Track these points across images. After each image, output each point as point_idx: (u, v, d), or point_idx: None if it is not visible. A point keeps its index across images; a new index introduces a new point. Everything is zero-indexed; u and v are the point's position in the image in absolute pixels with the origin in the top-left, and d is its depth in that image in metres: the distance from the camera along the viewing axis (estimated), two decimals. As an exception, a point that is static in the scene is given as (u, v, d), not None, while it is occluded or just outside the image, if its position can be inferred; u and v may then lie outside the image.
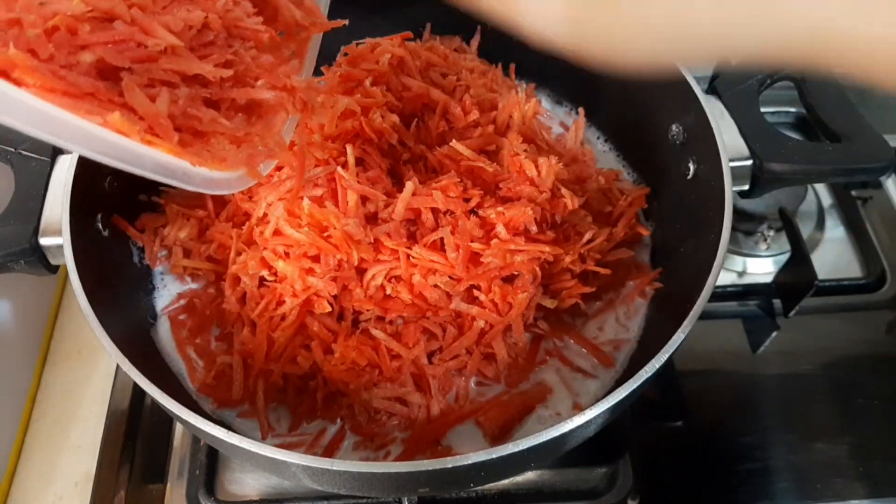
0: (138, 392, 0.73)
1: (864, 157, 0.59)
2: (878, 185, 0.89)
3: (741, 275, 0.83)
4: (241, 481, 0.67)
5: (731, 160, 0.57)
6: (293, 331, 0.58)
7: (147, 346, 0.62)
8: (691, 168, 0.63)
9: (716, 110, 0.61)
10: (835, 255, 0.84)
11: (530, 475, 0.67)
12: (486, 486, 0.67)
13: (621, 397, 0.47)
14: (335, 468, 0.45)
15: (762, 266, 0.84)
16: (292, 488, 0.66)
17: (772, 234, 0.83)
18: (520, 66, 0.80)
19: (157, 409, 0.72)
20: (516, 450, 0.44)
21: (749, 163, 0.59)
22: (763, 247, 0.84)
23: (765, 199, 0.81)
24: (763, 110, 0.62)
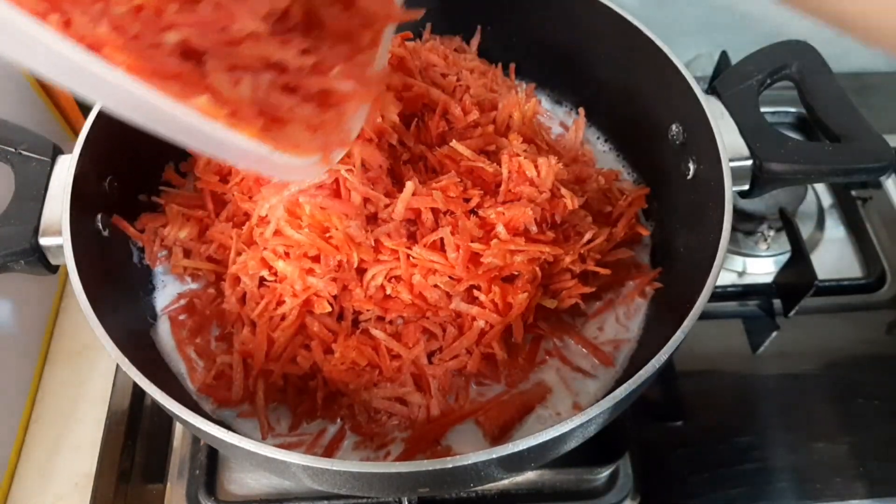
0: (138, 392, 0.73)
1: (864, 157, 0.59)
2: (878, 185, 0.89)
3: (741, 275, 0.83)
4: (241, 481, 0.67)
5: (730, 160, 0.57)
6: (293, 331, 0.58)
7: (147, 346, 0.62)
8: (691, 168, 0.63)
9: (716, 110, 0.60)
10: (835, 255, 0.84)
11: (530, 475, 0.68)
12: (486, 486, 0.67)
13: (621, 397, 0.47)
14: (335, 468, 0.45)
15: (762, 266, 0.84)
16: (292, 488, 0.66)
17: (772, 234, 0.83)
18: (520, 66, 0.80)
19: (157, 409, 0.72)
20: (516, 450, 0.44)
21: (749, 163, 0.59)
22: (763, 247, 0.84)
23: (765, 200, 0.81)
24: (763, 110, 0.62)
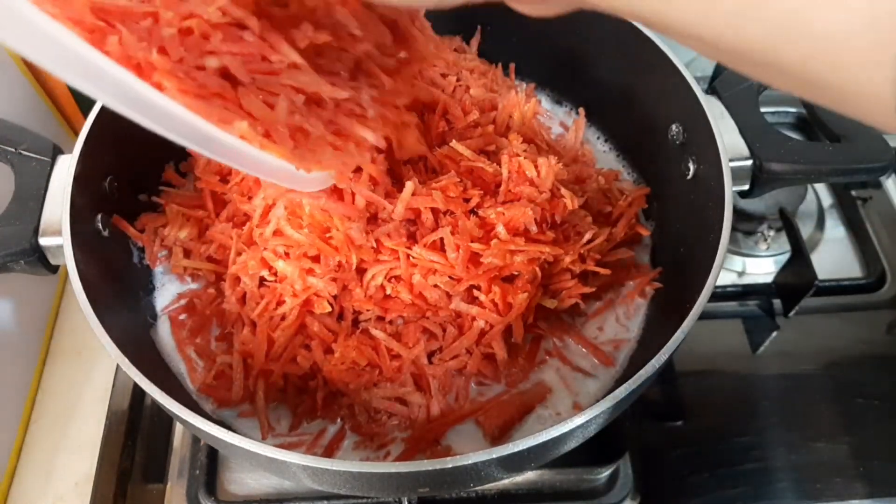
0: (138, 392, 0.73)
1: (864, 157, 0.59)
2: (878, 185, 0.89)
3: (741, 275, 0.83)
4: (241, 481, 0.67)
5: (731, 160, 0.57)
6: (293, 331, 0.58)
7: (147, 346, 0.62)
8: (691, 168, 0.62)
9: (716, 110, 0.60)
10: (835, 255, 0.84)
11: (530, 475, 0.68)
12: (486, 486, 0.67)
13: (621, 397, 0.47)
14: (335, 468, 0.45)
15: (762, 266, 0.84)
16: (292, 488, 0.66)
17: (772, 234, 0.83)
18: (520, 66, 0.80)
19: (157, 409, 0.72)
20: (516, 450, 0.44)
21: (749, 163, 0.59)
22: (763, 247, 0.84)
23: (765, 199, 0.81)
24: (763, 110, 0.62)
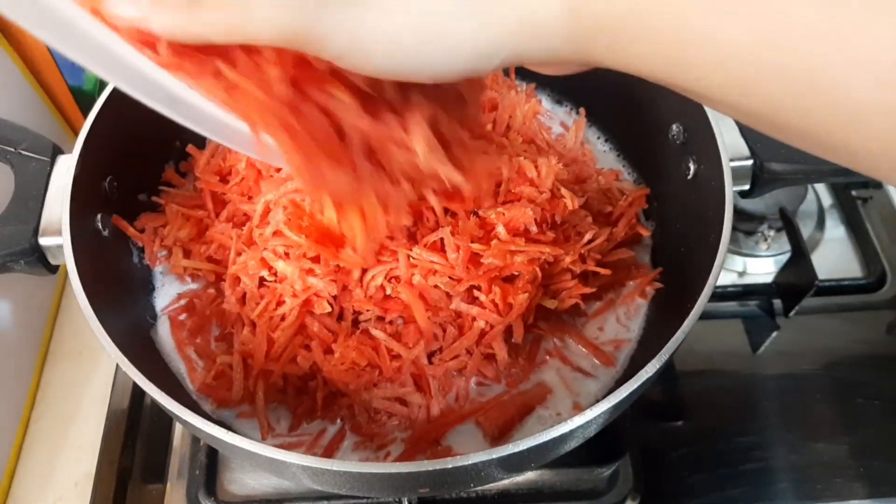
0: (138, 392, 0.73)
1: (864, 157, 0.58)
2: (879, 185, 0.89)
3: (741, 275, 0.83)
4: (241, 481, 0.67)
5: (731, 160, 0.57)
6: (293, 331, 0.58)
7: (147, 346, 0.62)
8: (692, 168, 0.62)
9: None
10: (835, 255, 0.84)
11: (530, 475, 0.67)
12: (486, 486, 0.67)
13: (622, 397, 0.46)
14: (335, 468, 0.45)
15: (762, 266, 0.83)
16: (292, 488, 0.66)
17: (772, 234, 0.83)
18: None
19: (157, 409, 0.72)
20: (516, 450, 0.44)
21: (749, 162, 0.59)
22: (763, 247, 0.84)
23: (765, 199, 0.81)
24: (763, 110, 0.61)
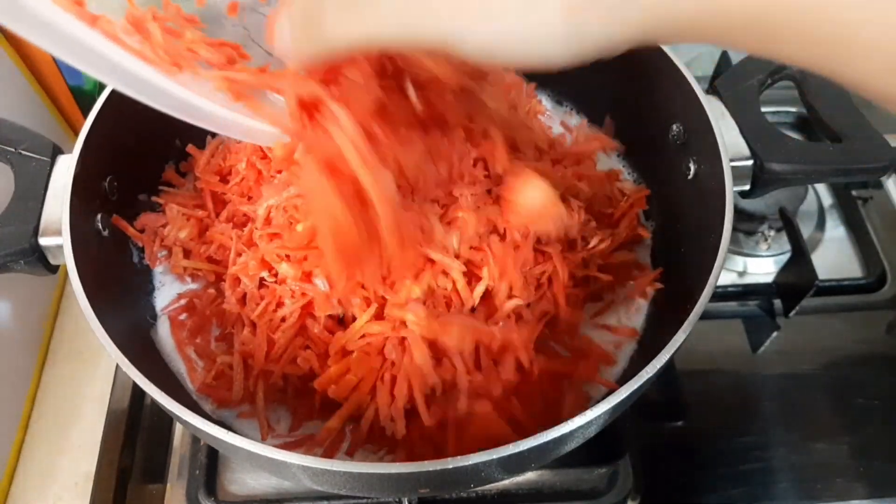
0: (138, 392, 0.73)
1: (864, 157, 0.58)
2: (879, 185, 0.89)
3: (741, 275, 0.83)
4: (241, 481, 0.67)
5: (731, 160, 0.57)
6: (293, 332, 0.58)
7: (147, 346, 0.62)
8: (692, 168, 0.62)
9: (716, 110, 0.60)
10: (835, 255, 0.84)
11: (530, 475, 0.67)
12: (486, 487, 0.67)
13: (622, 397, 0.46)
14: (335, 468, 0.44)
15: (762, 266, 0.83)
16: (292, 488, 0.66)
17: (772, 234, 0.83)
18: (520, 65, 0.80)
19: (157, 409, 0.72)
20: (517, 450, 0.44)
21: (749, 163, 0.59)
22: (763, 247, 0.84)
23: (765, 199, 0.81)
24: (763, 110, 0.61)
